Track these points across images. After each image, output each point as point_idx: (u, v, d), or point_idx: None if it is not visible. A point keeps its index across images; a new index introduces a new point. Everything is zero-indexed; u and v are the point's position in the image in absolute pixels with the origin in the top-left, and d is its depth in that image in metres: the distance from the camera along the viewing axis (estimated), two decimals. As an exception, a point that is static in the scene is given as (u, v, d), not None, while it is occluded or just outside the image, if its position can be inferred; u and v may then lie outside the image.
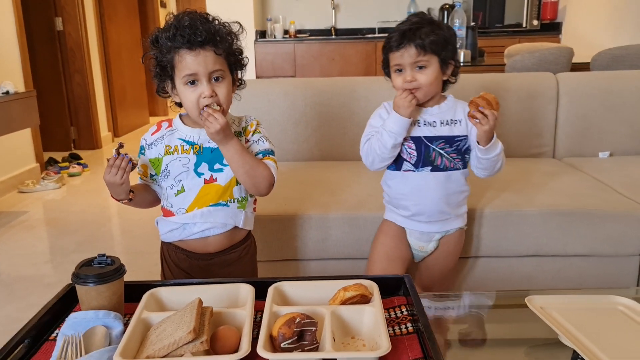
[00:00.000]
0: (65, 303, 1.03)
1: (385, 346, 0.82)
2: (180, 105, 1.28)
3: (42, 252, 2.78)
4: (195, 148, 1.27)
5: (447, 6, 4.92)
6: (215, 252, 1.33)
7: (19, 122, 3.17)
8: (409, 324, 0.97)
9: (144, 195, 1.33)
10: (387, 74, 1.48)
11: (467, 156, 1.49)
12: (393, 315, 1.00)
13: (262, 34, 4.95)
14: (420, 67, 1.39)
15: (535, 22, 4.76)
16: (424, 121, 1.46)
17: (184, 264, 1.34)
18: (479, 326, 1.25)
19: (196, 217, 1.28)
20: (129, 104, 5.99)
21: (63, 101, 4.98)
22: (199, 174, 1.28)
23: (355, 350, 0.89)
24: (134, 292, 1.02)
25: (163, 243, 1.37)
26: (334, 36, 5.15)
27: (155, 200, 1.37)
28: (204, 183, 1.28)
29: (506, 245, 1.76)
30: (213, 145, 1.27)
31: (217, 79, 1.21)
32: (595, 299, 1.12)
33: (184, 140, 1.28)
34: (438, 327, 1.15)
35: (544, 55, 2.71)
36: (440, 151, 1.45)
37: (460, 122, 1.46)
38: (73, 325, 0.89)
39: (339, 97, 2.26)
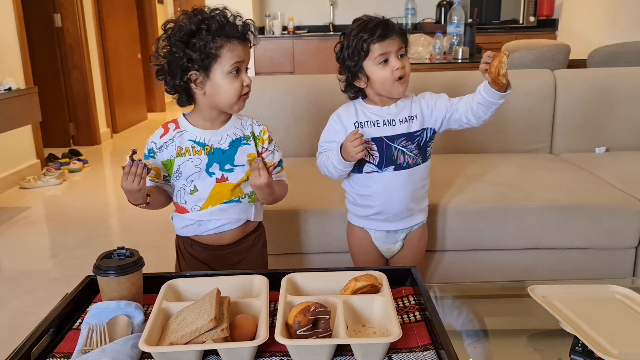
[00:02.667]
0: (85, 294, 1.06)
1: (396, 332, 0.86)
2: (186, 102, 1.30)
3: (46, 247, 2.81)
4: (207, 149, 1.30)
5: (445, 2, 4.95)
6: (229, 243, 1.38)
7: (21, 118, 3.19)
8: (416, 313, 1.01)
9: (158, 196, 1.35)
10: (354, 74, 1.43)
11: (428, 149, 1.49)
12: (401, 305, 1.04)
13: (260, 31, 4.96)
14: (402, 56, 1.40)
15: (531, 19, 4.80)
16: (384, 121, 1.45)
17: (200, 255, 1.38)
18: (482, 315, 1.29)
19: (211, 214, 1.33)
20: (127, 100, 6.00)
21: (62, 97, 4.99)
22: (211, 174, 1.31)
23: (367, 337, 0.93)
24: (150, 283, 1.06)
25: (178, 236, 1.41)
26: (332, 32, 5.17)
27: (167, 199, 1.39)
28: (216, 182, 1.32)
29: (506, 238, 1.80)
30: (224, 146, 1.32)
31: (246, 70, 1.29)
32: (594, 288, 1.17)
33: (195, 142, 1.30)
34: (442, 316, 1.19)
35: (541, 52, 2.75)
36: (403, 149, 1.44)
37: (416, 117, 1.45)
38: (96, 314, 0.93)
39: (340, 94, 2.29)
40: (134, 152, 1.21)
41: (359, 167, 1.48)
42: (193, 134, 1.31)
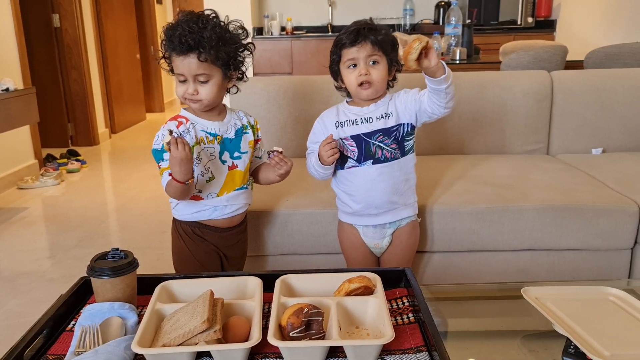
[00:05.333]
0: (79, 296, 1.07)
1: (389, 334, 0.86)
2: None
3: (43, 248, 2.81)
4: (218, 139, 1.42)
5: (443, 3, 4.96)
6: (236, 225, 1.54)
7: (18, 119, 3.18)
8: (410, 314, 1.01)
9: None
10: (335, 73, 1.53)
11: (406, 144, 1.53)
12: (395, 306, 1.05)
13: (259, 31, 4.96)
14: (373, 63, 1.45)
15: (529, 20, 4.80)
16: (362, 119, 1.51)
17: (209, 237, 1.49)
18: (476, 316, 1.30)
19: (228, 200, 1.46)
20: (125, 100, 6.00)
21: (60, 98, 4.99)
22: (223, 162, 1.44)
23: (360, 339, 0.93)
24: (144, 285, 1.06)
25: (183, 222, 1.49)
26: (330, 33, 5.17)
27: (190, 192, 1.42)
28: (228, 169, 1.45)
29: (502, 239, 1.80)
30: (230, 135, 1.45)
31: (201, 81, 1.33)
32: (587, 290, 1.17)
33: (207, 132, 1.41)
34: (435, 317, 1.19)
35: (538, 53, 2.75)
36: (380, 144, 1.50)
37: (391, 113, 1.50)
38: (90, 316, 0.93)
39: (338, 95, 2.29)
40: (171, 131, 1.28)
41: (341, 163, 1.55)
42: (204, 125, 1.41)
